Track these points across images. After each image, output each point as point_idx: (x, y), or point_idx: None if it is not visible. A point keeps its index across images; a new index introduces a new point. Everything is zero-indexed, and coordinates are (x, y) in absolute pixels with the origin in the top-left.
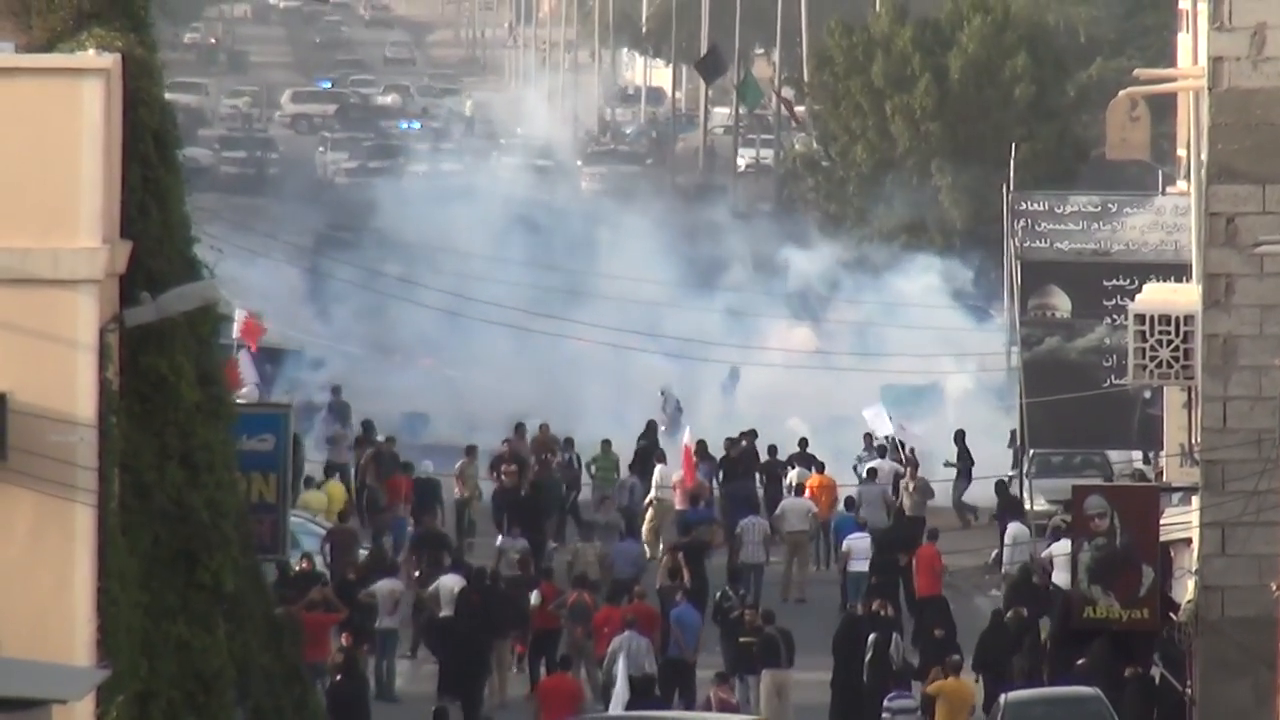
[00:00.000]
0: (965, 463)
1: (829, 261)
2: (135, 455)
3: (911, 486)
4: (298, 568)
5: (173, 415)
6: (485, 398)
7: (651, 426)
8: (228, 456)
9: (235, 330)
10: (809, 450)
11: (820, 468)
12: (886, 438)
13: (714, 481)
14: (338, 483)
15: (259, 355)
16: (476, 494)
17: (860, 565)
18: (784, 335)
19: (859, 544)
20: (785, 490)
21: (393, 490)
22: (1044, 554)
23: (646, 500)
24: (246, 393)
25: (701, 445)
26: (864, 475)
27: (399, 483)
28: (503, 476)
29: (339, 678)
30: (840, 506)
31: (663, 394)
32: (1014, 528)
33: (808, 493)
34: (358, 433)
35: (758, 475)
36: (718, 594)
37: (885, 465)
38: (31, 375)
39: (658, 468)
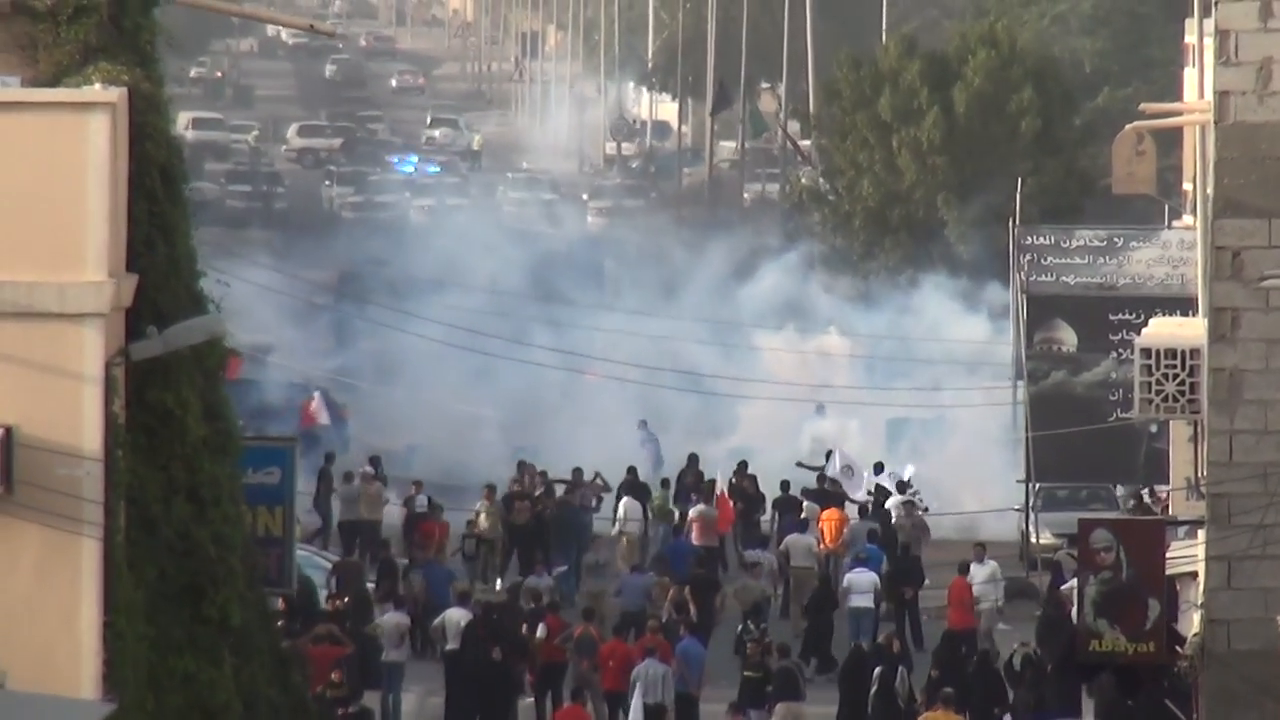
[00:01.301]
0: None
1: (845, 293)
2: (141, 489)
3: (909, 522)
4: (328, 607)
5: (179, 449)
6: (492, 432)
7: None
8: (234, 490)
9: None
10: (825, 485)
11: (839, 502)
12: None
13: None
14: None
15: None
16: (498, 533)
17: (861, 600)
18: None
19: (859, 579)
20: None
21: (426, 535)
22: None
23: (615, 530)
24: (320, 428)
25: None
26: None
27: (433, 528)
28: (515, 513)
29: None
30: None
31: (641, 428)
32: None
33: (818, 526)
34: (365, 470)
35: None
36: (739, 627)
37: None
38: (38, 409)
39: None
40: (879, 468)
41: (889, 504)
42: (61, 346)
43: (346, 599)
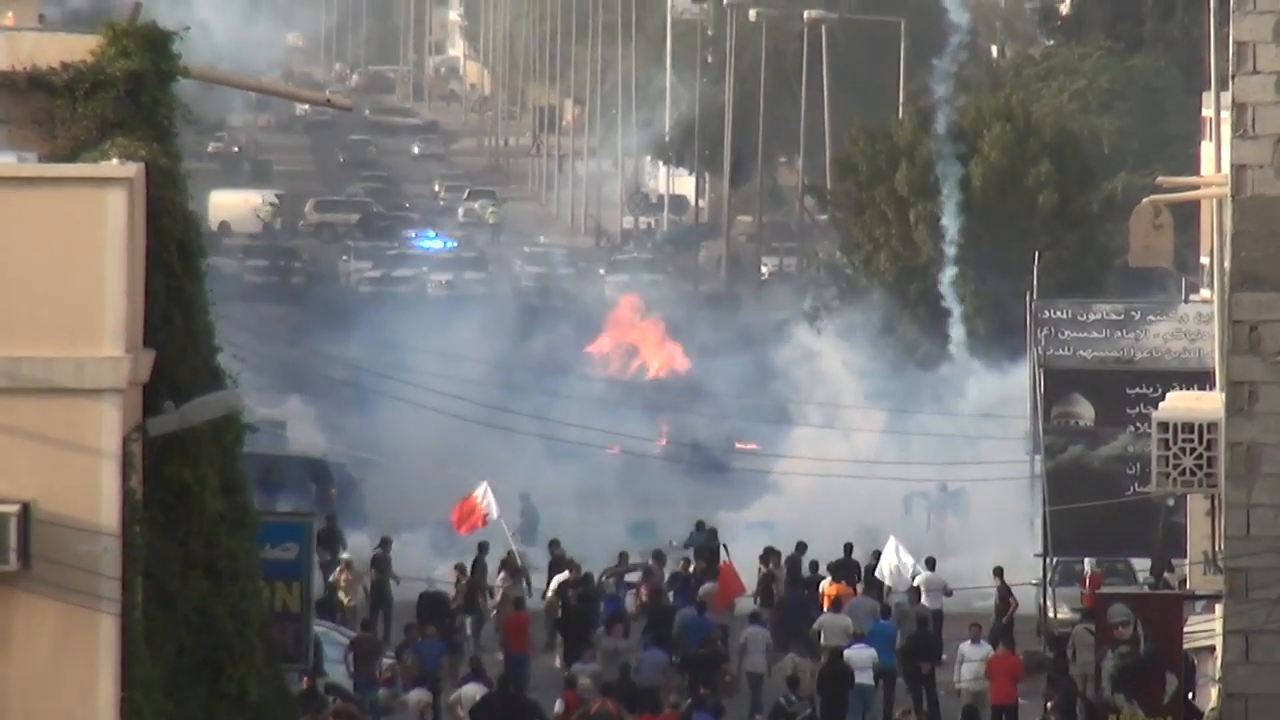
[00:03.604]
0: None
1: (862, 367)
2: (159, 564)
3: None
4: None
5: (196, 524)
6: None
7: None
8: (251, 565)
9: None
10: (846, 561)
11: (852, 578)
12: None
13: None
14: None
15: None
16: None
17: (861, 677)
18: (811, 443)
19: (858, 655)
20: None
21: (518, 629)
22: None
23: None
24: (490, 521)
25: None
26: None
27: (523, 620)
28: (570, 598)
29: None
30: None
31: (522, 499)
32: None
33: (826, 601)
34: (377, 551)
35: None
36: (780, 698)
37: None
38: (55, 484)
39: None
40: (930, 563)
41: (916, 580)
42: (79, 422)
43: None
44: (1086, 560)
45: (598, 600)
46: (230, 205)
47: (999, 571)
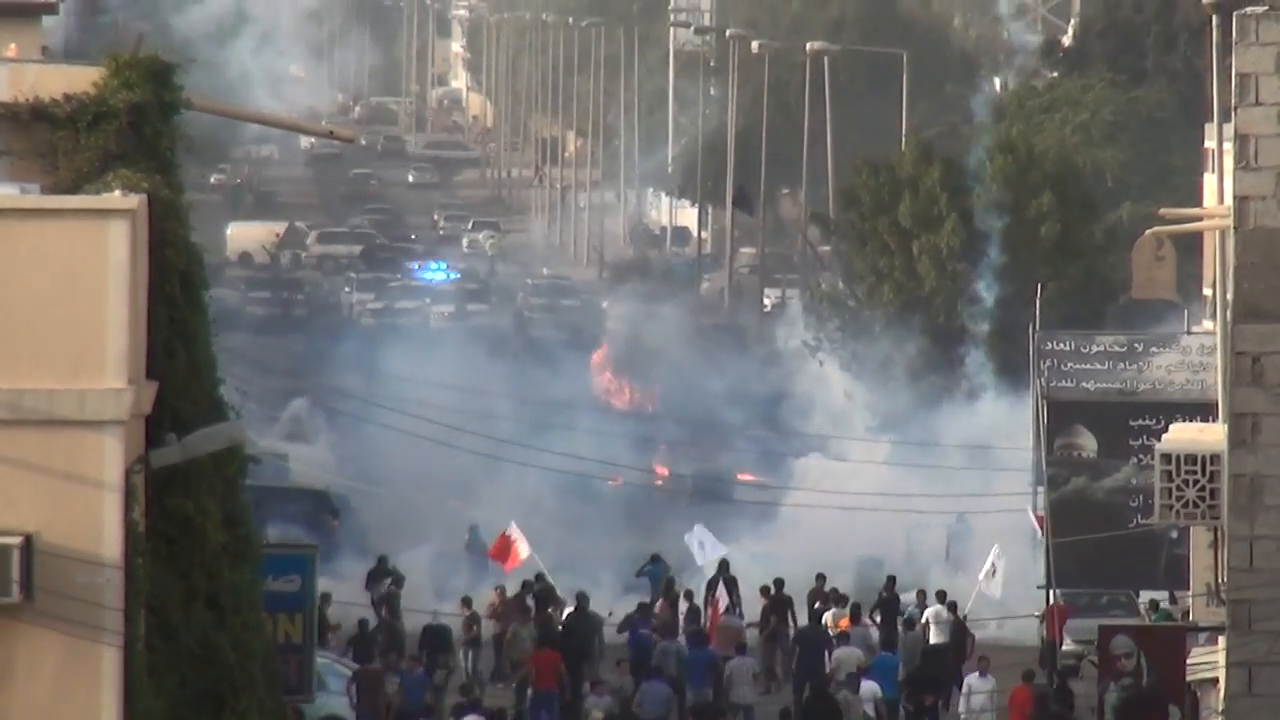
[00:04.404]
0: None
1: (864, 398)
2: (161, 596)
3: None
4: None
5: (199, 556)
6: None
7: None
8: (254, 598)
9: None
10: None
11: (893, 616)
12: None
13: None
14: None
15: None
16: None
17: (866, 709)
18: (813, 475)
19: (863, 687)
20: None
21: (550, 666)
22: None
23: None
24: (523, 560)
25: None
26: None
27: (553, 658)
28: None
29: None
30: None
31: (470, 531)
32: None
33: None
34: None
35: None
36: None
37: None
38: (57, 516)
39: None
40: (941, 596)
41: (927, 614)
42: (81, 454)
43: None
44: (1051, 592)
45: (595, 633)
46: (251, 236)
47: (953, 607)
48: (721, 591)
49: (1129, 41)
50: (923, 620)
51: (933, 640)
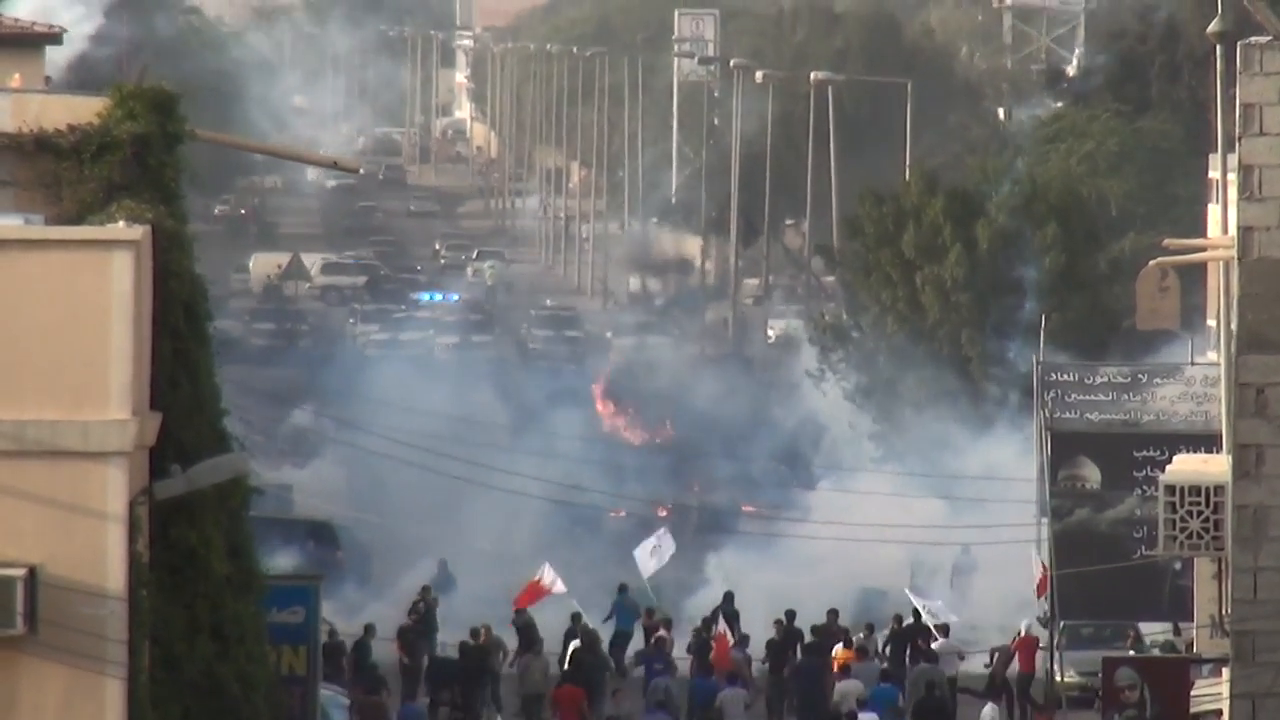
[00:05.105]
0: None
1: (869, 429)
2: (165, 628)
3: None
4: None
5: (203, 587)
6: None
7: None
8: (258, 629)
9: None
10: (903, 630)
11: (908, 645)
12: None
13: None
14: None
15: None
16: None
17: None
18: (817, 505)
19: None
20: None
21: (572, 701)
22: None
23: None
24: (554, 591)
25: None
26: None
27: (575, 694)
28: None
29: None
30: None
31: (439, 566)
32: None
33: (836, 665)
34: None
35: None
36: None
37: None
38: (62, 548)
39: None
40: (945, 629)
41: (935, 645)
42: (85, 485)
43: None
44: (1024, 623)
45: (605, 669)
46: (274, 265)
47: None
48: (724, 624)
49: (1133, 72)
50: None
51: (937, 670)
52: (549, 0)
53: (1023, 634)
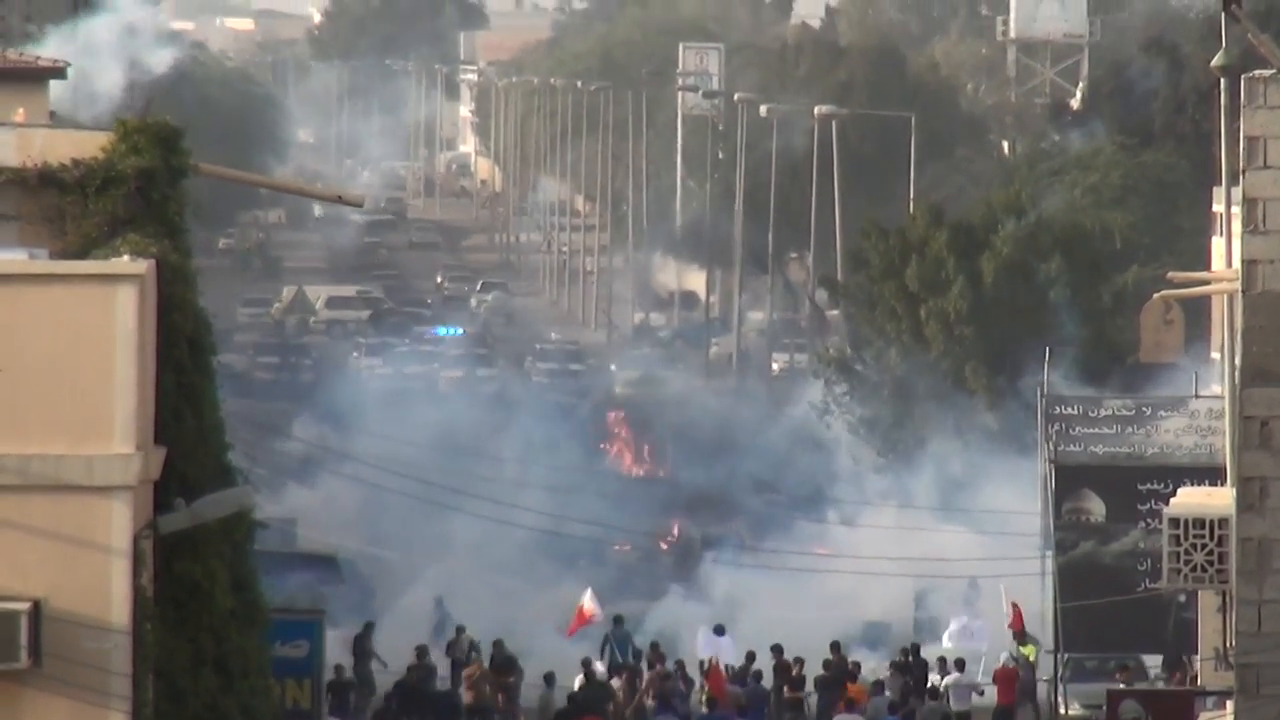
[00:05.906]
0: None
1: (873, 463)
2: (169, 661)
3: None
4: None
5: (207, 621)
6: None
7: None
8: (262, 662)
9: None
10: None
11: (915, 681)
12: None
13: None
14: None
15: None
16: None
17: None
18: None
19: None
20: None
21: None
22: None
23: None
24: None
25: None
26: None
27: None
28: None
29: None
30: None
31: (436, 603)
32: None
33: (841, 705)
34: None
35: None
36: None
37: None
38: (66, 582)
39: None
40: (960, 664)
41: (945, 682)
42: (89, 519)
43: None
44: (1003, 654)
45: (609, 699)
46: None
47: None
48: (719, 656)
49: (1137, 104)
50: (942, 688)
51: (954, 708)
52: (553, 34)
53: (1001, 666)
